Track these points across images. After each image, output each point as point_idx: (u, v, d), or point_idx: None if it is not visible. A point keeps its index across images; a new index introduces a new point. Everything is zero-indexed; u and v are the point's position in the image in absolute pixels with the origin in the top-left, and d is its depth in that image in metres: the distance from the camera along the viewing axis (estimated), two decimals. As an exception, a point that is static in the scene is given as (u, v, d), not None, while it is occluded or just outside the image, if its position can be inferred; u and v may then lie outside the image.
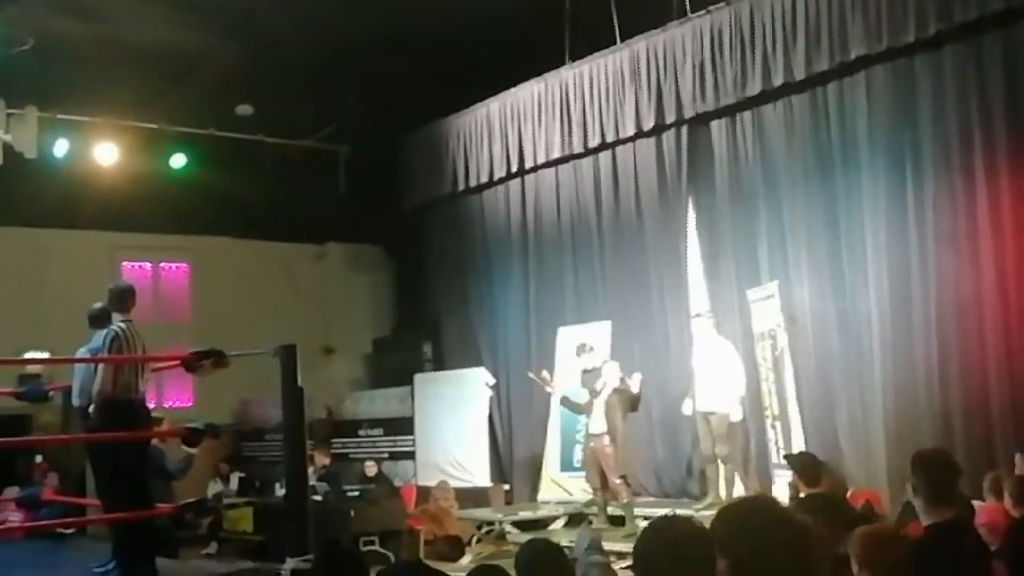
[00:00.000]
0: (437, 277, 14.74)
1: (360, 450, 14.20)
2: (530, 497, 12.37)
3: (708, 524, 2.67)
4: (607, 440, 9.71)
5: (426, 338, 14.68)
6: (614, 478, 9.72)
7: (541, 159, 12.64)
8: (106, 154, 12.99)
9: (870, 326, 9.48)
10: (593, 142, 11.97)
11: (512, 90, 12.84)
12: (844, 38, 9.40)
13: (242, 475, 13.55)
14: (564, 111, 12.20)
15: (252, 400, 13.75)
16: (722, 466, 9.87)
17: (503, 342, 13.57)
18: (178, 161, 13.58)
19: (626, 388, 9.90)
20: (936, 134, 9.08)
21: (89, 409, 6.65)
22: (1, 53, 10.57)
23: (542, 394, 12.41)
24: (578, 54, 11.95)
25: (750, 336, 10.20)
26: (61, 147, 12.70)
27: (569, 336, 12.07)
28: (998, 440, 8.41)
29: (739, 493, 9.82)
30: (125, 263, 14.57)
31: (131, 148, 13.17)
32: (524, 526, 10.97)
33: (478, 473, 13.08)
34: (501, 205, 13.66)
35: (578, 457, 11.18)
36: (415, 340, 14.77)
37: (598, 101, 11.80)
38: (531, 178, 13.15)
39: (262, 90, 13.09)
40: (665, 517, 2.74)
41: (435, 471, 13.15)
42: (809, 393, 9.78)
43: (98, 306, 6.92)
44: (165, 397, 13.99)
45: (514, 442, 13.22)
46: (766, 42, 10.04)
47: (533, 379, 10.90)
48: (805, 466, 7.22)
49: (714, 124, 11.02)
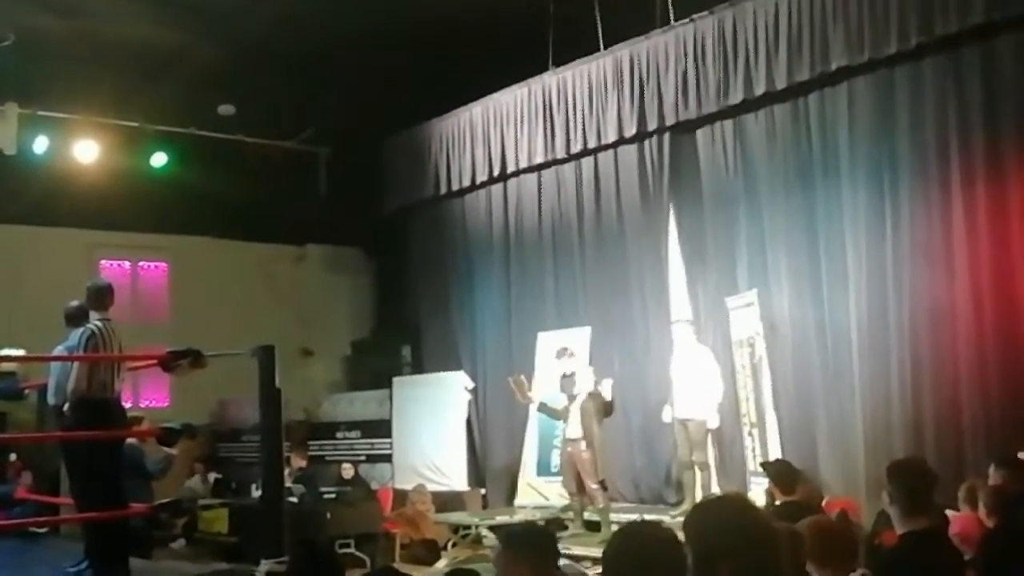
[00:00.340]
0: (417, 280, 14.73)
1: (337, 452, 14.17)
2: (507, 502, 12.36)
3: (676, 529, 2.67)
4: (583, 445, 9.72)
5: (405, 341, 14.66)
6: (591, 483, 9.72)
7: (523, 164, 12.65)
8: (86, 152, 12.92)
9: (849, 335, 9.52)
10: (575, 148, 11.98)
11: (495, 95, 12.85)
12: (825, 49, 9.46)
13: (218, 476, 13.49)
14: (547, 116, 12.21)
15: (230, 401, 13.72)
16: (699, 473, 9.89)
17: (482, 346, 13.56)
18: (158, 160, 13.51)
19: (599, 393, 9.91)
20: (914, 145, 9.14)
21: (64, 407, 6.61)
22: (-19, 49, 10.52)
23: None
24: (562, 60, 11.98)
25: (729, 343, 10.24)
26: (41, 144, 12.63)
27: (549, 341, 12.08)
28: (968, 450, 8.47)
29: (716, 500, 9.83)
30: (104, 261, 14.50)
31: (112, 146, 13.11)
32: (500, 530, 10.95)
33: (455, 477, 13.07)
34: (483, 209, 13.66)
35: (555, 462, 11.19)
36: (394, 343, 14.75)
37: (581, 107, 11.82)
38: (513, 183, 13.16)
39: (244, 90, 13.05)
40: (634, 523, 2.73)
41: (412, 474, 13.14)
42: (787, 401, 9.82)
43: (75, 304, 6.88)
44: (142, 397, 13.92)
45: (491, 446, 13.21)
46: (748, 51, 10.09)
47: (519, 384, 10.88)
48: (781, 474, 7.27)
49: (696, 132, 11.06)
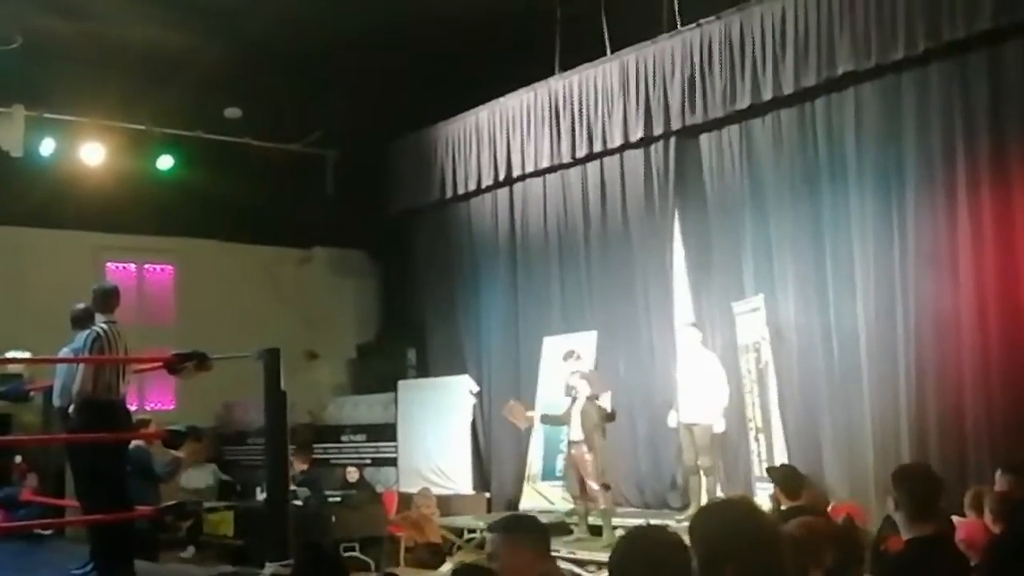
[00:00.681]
0: (423, 284, 14.73)
1: (342, 456, 14.17)
2: (512, 506, 12.34)
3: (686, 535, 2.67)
4: (586, 448, 9.75)
5: (410, 345, 14.66)
6: (593, 484, 9.74)
7: (529, 168, 12.65)
8: (93, 154, 12.94)
9: (856, 340, 9.50)
10: (581, 152, 11.98)
11: (502, 99, 12.85)
12: (832, 54, 9.45)
13: (224, 478, 13.50)
14: (553, 121, 12.21)
15: (235, 403, 13.73)
16: (704, 478, 9.87)
17: (488, 350, 13.56)
18: (165, 163, 13.52)
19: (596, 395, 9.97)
20: (921, 150, 9.13)
21: (70, 409, 6.62)
22: (-11, 51, 10.55)
23: (527, 402, 12.44)
24: (568, 64, 11.98)
25: (735, 348, 10.22)
26: (48, 146, 12.65)
27: (555, 345, 12.08)
28: (972, 455, 8.46)
29: (721, 505, 9.82)
30: (110, 264, 14.51)
31: (118, 148, 13.12)
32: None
33: (460, 481, 13.06)
34: (488, 213, 13.66)
35: (560, 466, 11.18)
36: (399, 346, 14.75)
37: (587, 111, 11.82)
38: (519, 187, 13.16)
39: (250, 93, 13.07)
40: (640, 527, 2.72)
41: (417, 478, 13.13)
42: (792, 406, 9.80)
43: (81, 306, 6.89)
44: (147, 399, 13.93)
45: (496, 450, 13.20)
46: (755, 57, 10.08)
47: (510, 410, 10.96)
48: (786, 479, 7.27)
49: (702, 137, 11.04)
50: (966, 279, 8.71)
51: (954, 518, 6.54)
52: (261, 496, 10.07)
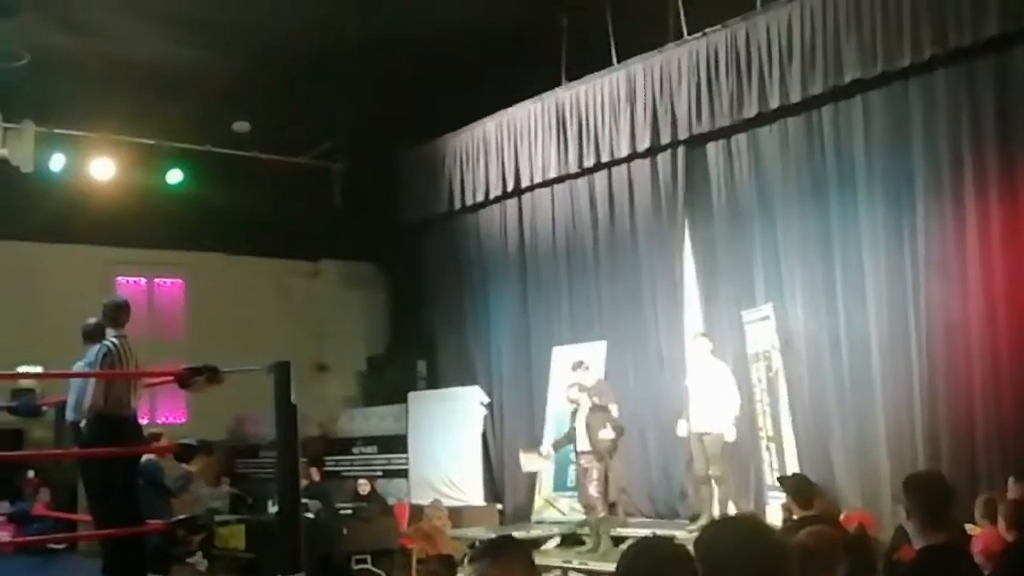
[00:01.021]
0: (432, 295, 14.74)
1: (354, 468, 14.17)
2: (524, 517, 12.32)
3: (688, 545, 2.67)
4: (592, 458, 9.79)
5: (420, 356, 14.67)
6: (593, 491, 9.77)
7: (537, 179, 12.66)
8: (102, 169, 13.00)
9: (867, 347, 9.48)
10: (589, 162, 11.99)
11: (509, 109, 12.87)
12: (839, 62, 9.45)
13: (234, 491, 13.51)
14: (560, 131, 12.23)
15: (247, 417, 13.74)
16: (716, 487, 9.84)
17: (497, 361, 13.55)
18: (174, 177, 13.58)
19: (604, 406, 9.98)
20: (928, 156, 9.12)
21: (81, 424, 6.64)
22: (-1, 68, 10.60)
23: (537, 413, 12.44)
24: (575, 74, 11.99)
25: (744, 357, 10.20)
26: (58, 162, 12.71)
27: (564, 356, 12.07)
28: (982, 462, 8.44)
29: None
30: (120, 278, 14.58)
31: (127, 163, 13.18)
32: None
33: (471, 492, 13.04)
34: (497, 224, 13.67)
35: (572, 477, 11.18)
36: (409, 358, 14.75)
37: (594, 121, 11.83)
38: (527, 197, 13.17)
39: (258, 107, 13.12)
40: (647, 538, 2.72)
41: (428, 490, 13.12)
42: (803, 415, 9.78)
43: (92, 321, 6.91)
44: (159, 413, 13.96)
45: (507, 461, 13.17)
46: (762, 65, 10.08)
47: (524, 463, 11.02)
48: (798, 488, 7.23)
49: (710, 146, 11.05)
50: (975, 285, 8.70)
51: (967, 527, 6.52)
52: (273, 509, 10.06)
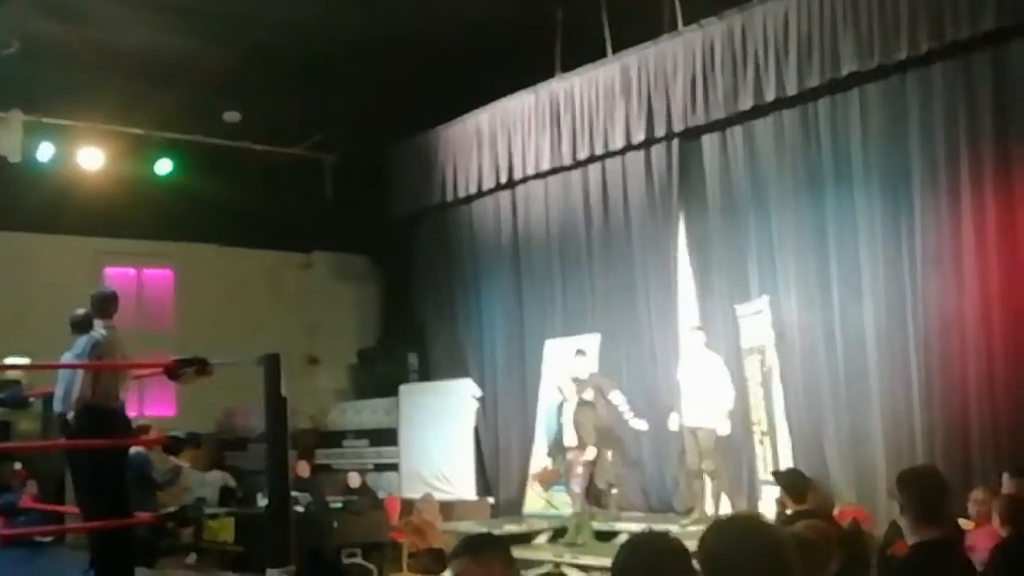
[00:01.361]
0: (424, 288, 14.68)
1: (344, 461, 14.13)
2: (515, 511, 12.29)
3: (694, 540, 2.63)
4: (577, 453, 9.79)
5: (412, 349, 14.62)
6: (575, 487, 9.78)
7: (531, 171, 12.60)
8: (91, 159, 12.91)
9: (863, 342, 9.45)
10: (583, 154, 11.93)
11: (502, 101, 12.81)
12: (836, 54, 9.40)
13: (231, 484, 13.44)
14: (554, 123, 12.16)
15: (236, 409, 13.67)
16: (709, 481, 9.82)
17: (490, 354, 13.50)
18: (164, 167, 13.50)
19: (592, 403, 9.98)
20: (925, 150, 9.09)
21: (69, 416, 6.58)
22: (-14, 56, 10.50)
23: (529, 406, 12.41)
24: (569, 66, 11.93)
25: (739, 351, 10.17)
26: (46, 151, 12.61)
27: (557, 348, 12.04)
28: (976, 459, 8.43)
29: (726, 509, 9.78)
30: (108, 269, 14.45)
31: (116, 153, 13.09)
32: (508, 540, 10.90)
33: (463, 486, 13.01)
34: (490, 216, 13.62)
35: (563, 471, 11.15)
36: (401, 351, 14.70)
37: (588, 113, 11.77)
38: (520, 190, 13.11)
39: (249, 97, 13.02)
40: (642, 534, 2.70)
41: (419, 483, 13.09)
42: (797, 409, 9.75)
43: (80, 312, 6.86)
44: (147, 405, 13.86)
45: (500, 455, 13.15)
46: (758, 57, 10.03)
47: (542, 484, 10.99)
48: (792, 483, 7.22)
49: (705, 138, 11.00)
50: (971, 280, 8.68)
51: (960, 521, 6.50)
52: (262, 502, 10.01)
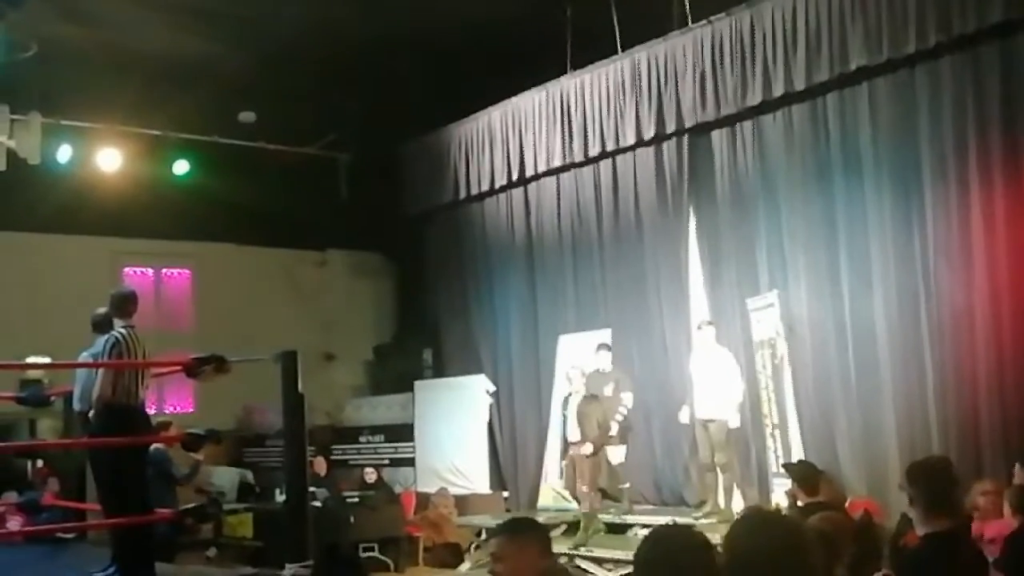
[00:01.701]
0: (438, 284, 14.76)
1: (360, 456, 14.23)
2: (529, 505, 12.37)
3: (706, 532, 2.67)
4: (582, 448, 9.83)
5: (427, 345, 14.70)
6: (582, 486, 9.80)
7: (542, 167, 12.66)
8: (109, 160, 13.02)
9: (873, 335, 9.48)
10: (594, 151, 11.99)
11: (513, 99, 12.87)
12: (844, 48, 9.43)
13: (248, 480, 13.56)
14: (565, 120, 12.23)
15: (255, 406, 13.79)
16: (721, 474, 9.87)
17: (504, 350, 13.58)
18: (181, 167, 13.61)
19: (597, 396, 10.02)
20: (934, 144, 9.12)
21: (90, 414, 6.68)
22: (5, 59, 10.59)
23: (543, 401, 12.48)
24: (579, 63, 11.99)
25: (750, 344, 10.22)
26: (64, 153, 12.72)
27: (570, 344, 12.11)
28: (987, 450, 8.45)
29: (738, 502, 9.84)
30: (127, 269, 14.60)
31: (134, 154, 13.20)
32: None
33: (478, 480, 13.09)
34: (502, 213, 13.69)
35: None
36: (416, 347, 14.79)
37: (599, 110, 11.83)
38: (532, 186, 13.18)
39: (264, 97, 13.13)
40: (665, 526, 2.71)
41: (435, 478, 13.18)
42: (808, 402, 9.79)
43: (101, 311, 6.95)
44: (167, 403, 14.01)
45: (514, 449, 13.23)
46: (766, 52, 10.07)
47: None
48: (805, 475, 7.24)
49: (714, 133, 11.04)
50: (980, 272, 8.70)
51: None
52: (280, 498, 10.12)
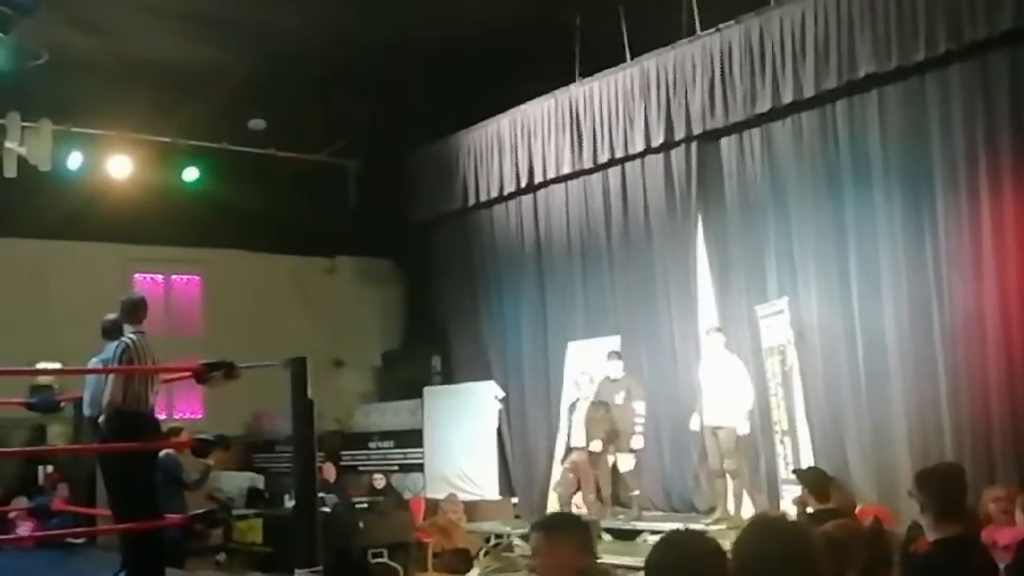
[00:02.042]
0: (447, 291, 14.78)
1: (370, 462, 14.23)
2: (538, 511, 12.35)
3: (717, 539, 2.67)
4: (591, 446, 9.82)
5: (435, 351, 14.71)
6: (588, 494, 9.79)
7: (551, 174, 12.67)
8: (119, 167, 13.08)
9: (883, 342, 9.46)
10: (603, 158, 12.00)
11: (522, 106, 12.89)
12: (853, 56, 9.43)
13: (252, 486, 13.58)
14: (574, 127, 12.24)
15: (264, 412, 13.81)
16: (730, 481, 9.87)
17: (513, 356, 13.59)
18: (191, 174, 13.65)
19: (605, 403, 10.03)
20: (945, 152, 9.10)
21: (99, 420, 6.70)
22: (16, 66, 10.66)
23: (552, 408, 12.47)
24: (588, 71, 12.00)
25: (759, 351, 10.21)
26: (75, 160, 12.78)
27: (579, 350, 12.11)
28: (999, 457, 8.43)
29: (747, 508, 9.82)
30: (137, 275, 14.64)
31: (144, 161, 13.26)
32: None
33: (487, 486, 13.10)
34: (511, 220, 13.70)
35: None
36: (424, 353, 14.80)
37: (608, 117, 11.84)
38: (541, 193, 13.19)
39: (274, 104, 13.18)
40: (678, 531, 2.71)
41: (444, 484, 13.18)
42: (818, 409, 9.78)
43: (111, 317, 6.98)
44: (176, 409, 14.04)
45: (523, 456, 13.23)
46: (775, 59, 10.07)
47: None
48: (815, 481, 7.23)
49: (723, 141, 11.04)
50: (990, 280, 8.68)
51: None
52: (290, 503, 10.13)
